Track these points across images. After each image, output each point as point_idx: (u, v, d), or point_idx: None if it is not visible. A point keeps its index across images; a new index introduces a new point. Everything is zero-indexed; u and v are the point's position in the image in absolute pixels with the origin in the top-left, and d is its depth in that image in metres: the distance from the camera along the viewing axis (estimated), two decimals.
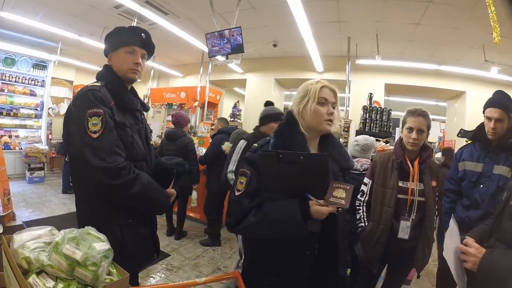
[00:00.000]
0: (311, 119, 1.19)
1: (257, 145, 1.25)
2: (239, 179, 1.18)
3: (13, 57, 6.53)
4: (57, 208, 4.83)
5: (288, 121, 1.25)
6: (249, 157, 1.21)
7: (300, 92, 1.25)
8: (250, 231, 1.18)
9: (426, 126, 1.78)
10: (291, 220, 1.07)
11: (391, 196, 1.81)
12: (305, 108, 1.20)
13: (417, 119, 1.77)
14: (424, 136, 1.79)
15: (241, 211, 1.14)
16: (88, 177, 1.21)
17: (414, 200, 1.79)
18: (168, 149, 3.73)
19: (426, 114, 1.79)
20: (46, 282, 0.83)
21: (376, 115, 3.83)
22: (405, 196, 1.80)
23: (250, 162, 1.19)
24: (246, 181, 1.16)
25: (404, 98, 7.64)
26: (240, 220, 1.14)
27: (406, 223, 1.79)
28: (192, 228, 4.42)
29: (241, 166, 1.22)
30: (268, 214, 1.10)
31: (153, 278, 2.92)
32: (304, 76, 6.71)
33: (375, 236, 1.83)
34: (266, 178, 1.14)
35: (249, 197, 1.15)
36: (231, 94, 9.95)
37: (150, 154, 1.51)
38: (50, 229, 1.02)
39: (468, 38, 4.60)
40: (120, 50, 1.39)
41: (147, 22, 4.97)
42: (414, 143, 1.77)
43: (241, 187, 1.16)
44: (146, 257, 1.51)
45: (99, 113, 1.21)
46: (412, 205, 1.79)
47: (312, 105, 1.18)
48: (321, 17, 4.52)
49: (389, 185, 1.84)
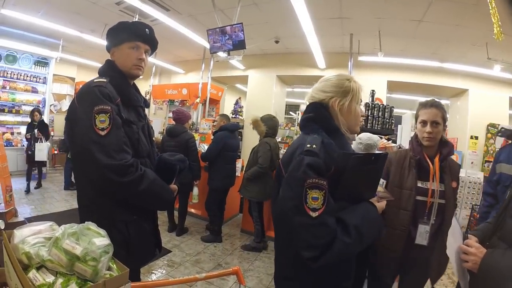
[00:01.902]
0: (352, 119, 1.14)
1: (315, 146, 0.99)
2: (310, 194, 0.92)
3: (14, 54, 6.55)
4: (59, 205, 4.86)
5: (326, 117, 1.12)
6: (314, 164, 0.95)
7: (339, 86, 1.13)
8: (344, 255, 0.97)
9: (441, 117, 1.62)
10: (378, 224, 1.04)
11: (409, 198, 1.61)
12: (350, 106, 1.12)
13: (430, 111, 1.62)
14: (440, 129, 1.61)
15: (329, 235, 0.92)
16: (95, 175, 1.20)
17: (434, 202, 1.60)
18: (169, 145, 3.73)
19: (439, 104, 1.65)
20: (46, 277, 0.83)
21: (378, 112, 3.80)
22: (424, 198, 1.61)
23: (318, 170, 0.95)
24: (323, 195, 0.93)
25: (406, 95, 7.60)
26: (329, 246, 0.91)
27: (425, 227, 1.61)
28: (193, 224, 4.43)
29: (306, 176, 0.94)
30: (358, 227, 0.96)
31: (154, 274, 2.93)
32: (306, 73, 6.69)
33: (390, 243, 1.64)
34: (351, 184, 1.00)
35: (331, 214, 0.95)
36: (232, 90, 9.93)
37: (153, 150, 1.52)
38: (50, 224, 1.02)
39: (471, 36, 4.55)
40: (123, 45, 1.38)
41: (149, 18, 4.94)
42: (429, 137, 1.61)
43: (317, 204, 0.92)
44: (149, 252, 1.52)
45: (106, 110, 1.20)
46: (432, 208, 1.60)
47: (355, 105, 1.13)
48: (323, 13, 4.49)
49: (407, 186, 1.64)
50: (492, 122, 5.86)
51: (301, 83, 7.65)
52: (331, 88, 1.13)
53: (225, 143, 3.80)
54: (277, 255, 1.23)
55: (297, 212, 0.93)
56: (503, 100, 6.01)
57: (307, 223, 0.91)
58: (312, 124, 1.12)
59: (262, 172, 3.43)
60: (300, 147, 1.03)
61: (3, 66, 6.44)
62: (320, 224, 0.91)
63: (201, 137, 5.26)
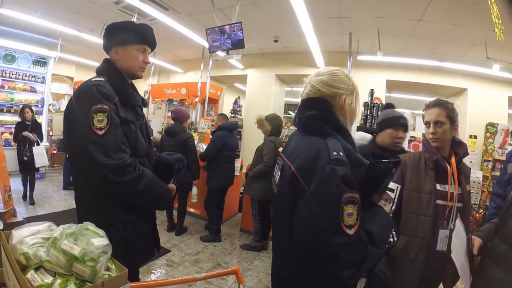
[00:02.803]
0: (353, 118, 1.10)
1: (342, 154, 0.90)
2: (346, 211, 0.84)
3: (13, 54, 6.52)
4: (58, 205, 4.85)
5: (334, 115, 1.03)
6: (346, 175, 0.86)
7: (347, 84, 1.07)
8: (370, 264, 0.91)
9: (446, 116, 1.53)
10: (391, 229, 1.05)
11: (429, 203, 1.50)
12: (355, 106, 1.08)
13: (432, 111, 1.57)
14: (445, 129, 1.53)
15: (365, 250, 0.86)
16: (93, 174, 1.19)
17: (452, 206, 1.50)
18: (168, 144, 3.73)
19: (442, 103, 1.57)
20: (44, 278, 0.83)
21: (377, 111, 3.80)
22: (444, 202, 1.51)
23: (349, 182, 0.87)
24: (357, 210, 0.86)
25: (405, 94, 7.61)
26: (363, 261, 0.86)
27: (445, 232, 1.51)
28: (192, 224, 4.43)
29: (342, 191, 0.84)
30: (379, 235, 0.93)
31: (153, 273, 2.93)
32: (305, 72, 6.58)
33: (411, 253, 1.51)
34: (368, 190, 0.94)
35: (362, 228, 0.89)
36: (231, 90, 9.92)
37: (151, 149, 1.51)
38: (49, 224, 1.02)
39: (470, 35, 4.55)
40: (131, 46, 1.37)
41: (147, 17, 4.93)
42: (434, 138, 1.55)
43: (352, 220, 0.84)
44: (148, 252, 1.52)
45: (104, 109, 1.19)
46: (451, 213, 1.51)
47: (357, 103, 1.09)
48: (322, 13, 4.49)
49: (425, 189, 1.53)
50: (491, 121, 5.88)
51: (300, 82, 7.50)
52: (341, 85, 1.05)
53: (224, 142, 3.80)
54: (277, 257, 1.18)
55: (335, 233, 0.83)
56: (502, 99, 6.02)
57: (345, 242, 0.83)
58: (320, 124, 1.01)
59: (267, 170, 3.44)
60: (323, 154, 0.90)
61: (1, 66, 6.40)
62: (358, 241, 0.85)
63: (200, 136, 5.25)
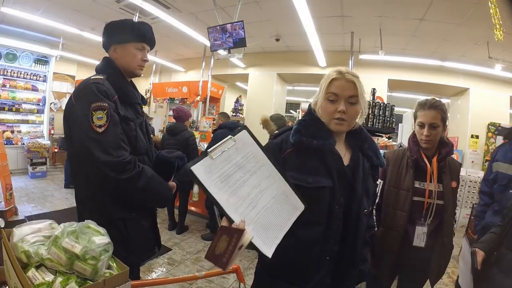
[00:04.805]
0: (323, 116, 1.09)
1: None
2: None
3: (14, 53, 6.54)
4: (59, 203, 4.85)
5: (310, 113, 1.13)
6: None
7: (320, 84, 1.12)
8: None
9: (440, 119, 1.55)
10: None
11: (406, 199, 1.58)
12: (317, 105, 1.10)
13: (428, 113, 1.56)
14: (438, 131, 1.56)
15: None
16: (92, 172, 1.19)
17: (431, 203, 1.56)
18: (169, 143, 3.73)
19: (438, 105, 1.56)
20: (45, 276, 0.83)
21: (379, 110, 3.78)
22: (421, 199, 1.58)
23: None
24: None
25: (407, 94, 7.59)
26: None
27: (423, 228, 1.57)
28: (193, 222, 4.43)
29: None
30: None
31: (154, 272, 2.93)
32: (307, 71, 6.68)
33: (386, 244, 1.61)
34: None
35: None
36: (233, 88, 9.92)
37: (151, 147, 1.51)
38: (50, 222, 1.02)
39: (472, 35, 4.54)
40: (129, 45, 1.37)
41: (149, 16, 4.93)
42: (427, 140, 1.57)
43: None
44: (149, 250, 1.52)
45: (103, 106, 1.19)
46: (429, 209, 1.56)
47: (321, 102, 1.08)
48: (324, 12, 4.48)
49: (404, 186, 1.61)
50: (493, 121, 5.85)
51: (302, 81, 7.64)
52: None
53: None
54: None
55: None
56: (504, 99, 6.01)
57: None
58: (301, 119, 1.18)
59: None
60: None
61: (3, 65, 6.41)
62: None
63: (202, 135, 5.24)
